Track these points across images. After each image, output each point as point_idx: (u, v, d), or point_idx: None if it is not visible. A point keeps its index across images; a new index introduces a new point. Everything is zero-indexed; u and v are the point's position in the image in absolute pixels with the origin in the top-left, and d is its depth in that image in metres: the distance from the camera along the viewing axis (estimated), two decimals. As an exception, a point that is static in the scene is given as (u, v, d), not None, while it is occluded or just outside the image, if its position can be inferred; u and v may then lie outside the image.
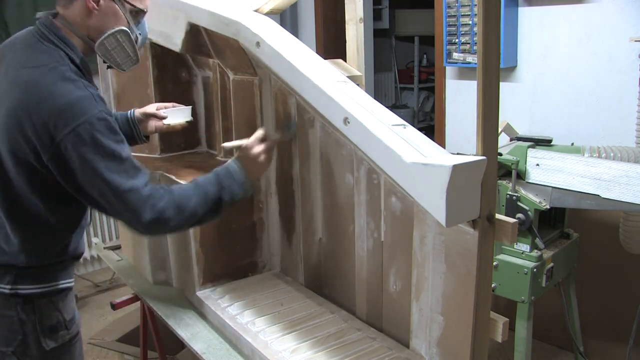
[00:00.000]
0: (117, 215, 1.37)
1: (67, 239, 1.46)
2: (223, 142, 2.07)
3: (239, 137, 2.00)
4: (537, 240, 2.09)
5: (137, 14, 1.43)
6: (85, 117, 1.23)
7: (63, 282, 1.46)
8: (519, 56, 2.77)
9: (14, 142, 1.27)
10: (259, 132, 1.58)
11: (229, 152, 1.75)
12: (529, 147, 2.13)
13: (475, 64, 1.89)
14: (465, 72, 3.04)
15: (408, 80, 5.96)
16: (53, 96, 1.23)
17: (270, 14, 1.86)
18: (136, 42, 1.45)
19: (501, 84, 1.13)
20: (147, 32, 1.52)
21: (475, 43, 2.81)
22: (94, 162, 1.24)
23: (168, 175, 1.89)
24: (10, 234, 1.37)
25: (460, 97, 3.09)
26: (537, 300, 2.14)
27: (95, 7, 1.34)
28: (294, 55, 1.57)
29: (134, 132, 1.76)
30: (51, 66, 1.28)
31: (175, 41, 1.88)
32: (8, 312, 1.37)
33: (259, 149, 1.55)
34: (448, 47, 2.94)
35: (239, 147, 1.59)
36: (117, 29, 1.37)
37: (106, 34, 1.37)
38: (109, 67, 1.48)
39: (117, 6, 1.37)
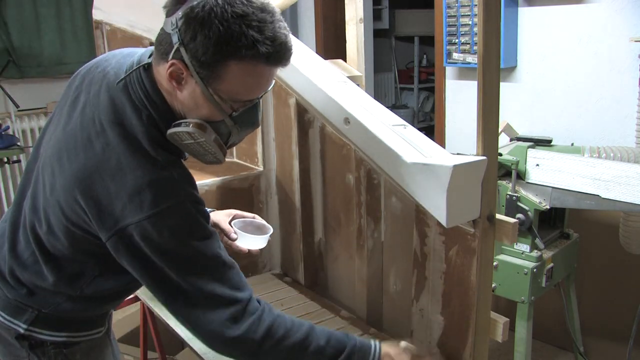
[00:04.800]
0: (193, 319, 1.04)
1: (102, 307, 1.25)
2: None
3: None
4: (537, 241, 2.09)
5: (232, 106, 1.03)
6: (166, 205, 0.98)
7: (90, 333, 1.25)
8: (519, 56, 2.77)
9: (68, 205, 1.04)
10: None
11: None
12: (528, 147, 2.13)
13: (475, 64, 1.89)
14: (465, 72, 3.04)
15: (408, 81, 5.96)
16: (127, 170, 0.99)
17: (270, 14, 1.86)
18: (228, 138, 1.08)
19: (501, 84, 1.13)
20: (254, 123, 1.10)
21: (475, 43, 2.81)
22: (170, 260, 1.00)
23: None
24: (45, 271, 1.14)
25: (460, 98, 3.09)
26: (537, 300, 2.14)
27: (176, 86, 1.01)
28: (294, 56, 1.57)
29: None
30: (131, 130, 1.02)
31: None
32: (20, 353, 1.20)
33: None
34: (448, 47, 2.94)
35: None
36: (189, 127, 1.02)
37: (176, 128, 1.03)
38: None
39: (202, 92, 0.99)
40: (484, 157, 1.13)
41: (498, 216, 1.20)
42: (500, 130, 2.42)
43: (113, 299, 1.26)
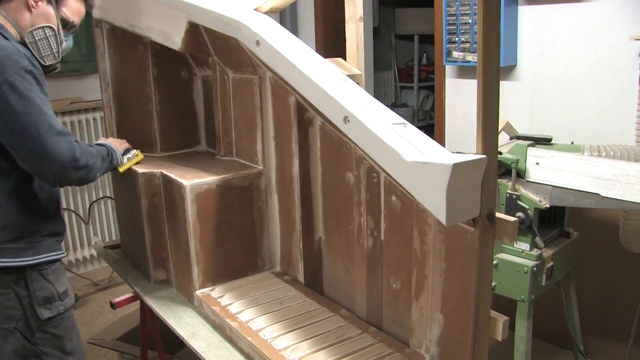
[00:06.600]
0: (40, 151, 1.47)
1: (41, 211, 1.61)
2: (222, 141, 2.08)
3: (238, 136, 2.01)
4: (537, 239, 2.09)
5: (67, 24, 1.70)
6: (17, 68, 1.45)
7: (49, 255, 1.61)
8: (519, 55, 2.77)
9: None
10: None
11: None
12: (528, 145, 2.13)
13: (475, 62, 1.89)
14: (465, 70, 3.04)
15: (408, 79, 5.96)
16: None
17: (269, 12, 1.86)
18: (61, 44, 1.68)
19: (501, 82, 1.13)
20: (72, 44, 1.78)
21: (475, 42, 2.81)
22: (29, 100, 1.45)
23: (168, 174, 1.89)
24: None
25: (460, 96, 3.09)
26: (537, 299, 2.14)
27: (34, 5, 1.61)
28: (294, 54, 1.57)
29: None
30: None
31: (175, 40, 1.88)
32: (5, 290, 1.54)
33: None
34: (448, 45, 2.94)
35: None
36: (46, 24, 1.63)
37: (37, 26, 1.62)
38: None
39: (52, 11, 1.64)
40: (484, 156, 1.13)
41: (498, 215, 1.20)
42: (500, 128, 2.42)
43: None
